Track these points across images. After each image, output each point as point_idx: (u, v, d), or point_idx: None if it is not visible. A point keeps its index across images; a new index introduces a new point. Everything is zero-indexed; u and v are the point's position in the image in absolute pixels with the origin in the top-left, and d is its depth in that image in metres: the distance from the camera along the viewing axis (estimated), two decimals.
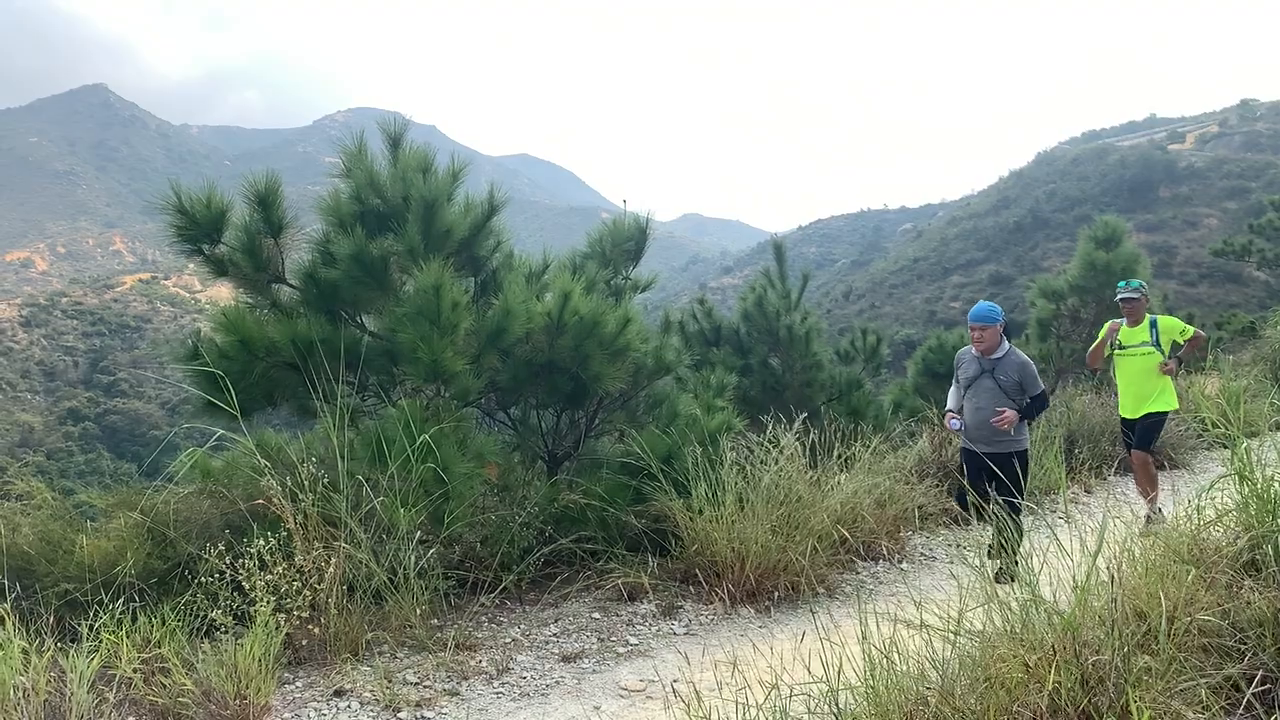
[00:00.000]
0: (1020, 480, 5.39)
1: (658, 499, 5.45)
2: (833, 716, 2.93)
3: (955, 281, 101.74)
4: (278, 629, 3.82)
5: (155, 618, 3.79)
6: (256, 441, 4.90)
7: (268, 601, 3.88)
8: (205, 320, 5.87)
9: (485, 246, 6.26)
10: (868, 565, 5.97)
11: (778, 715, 2.94)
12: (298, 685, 4.11)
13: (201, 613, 4.02)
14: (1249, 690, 2.68)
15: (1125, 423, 7.17)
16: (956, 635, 3.04)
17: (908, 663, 2.96)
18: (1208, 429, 4.40)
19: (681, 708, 3.09)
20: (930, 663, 2.97)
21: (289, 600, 4.11)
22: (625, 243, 7.35)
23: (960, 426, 5.92)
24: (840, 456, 6.00)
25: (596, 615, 5.05)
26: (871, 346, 11.64)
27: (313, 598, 4.23)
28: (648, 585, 5.10)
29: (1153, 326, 6.93)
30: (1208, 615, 2.93)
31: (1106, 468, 8.66)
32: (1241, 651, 2.92)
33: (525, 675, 4.28)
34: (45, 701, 3.27)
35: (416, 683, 4.12)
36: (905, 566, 6.08)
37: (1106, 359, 7.23)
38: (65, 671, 3.31)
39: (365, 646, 4.39)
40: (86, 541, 4.46)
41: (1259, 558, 3.30)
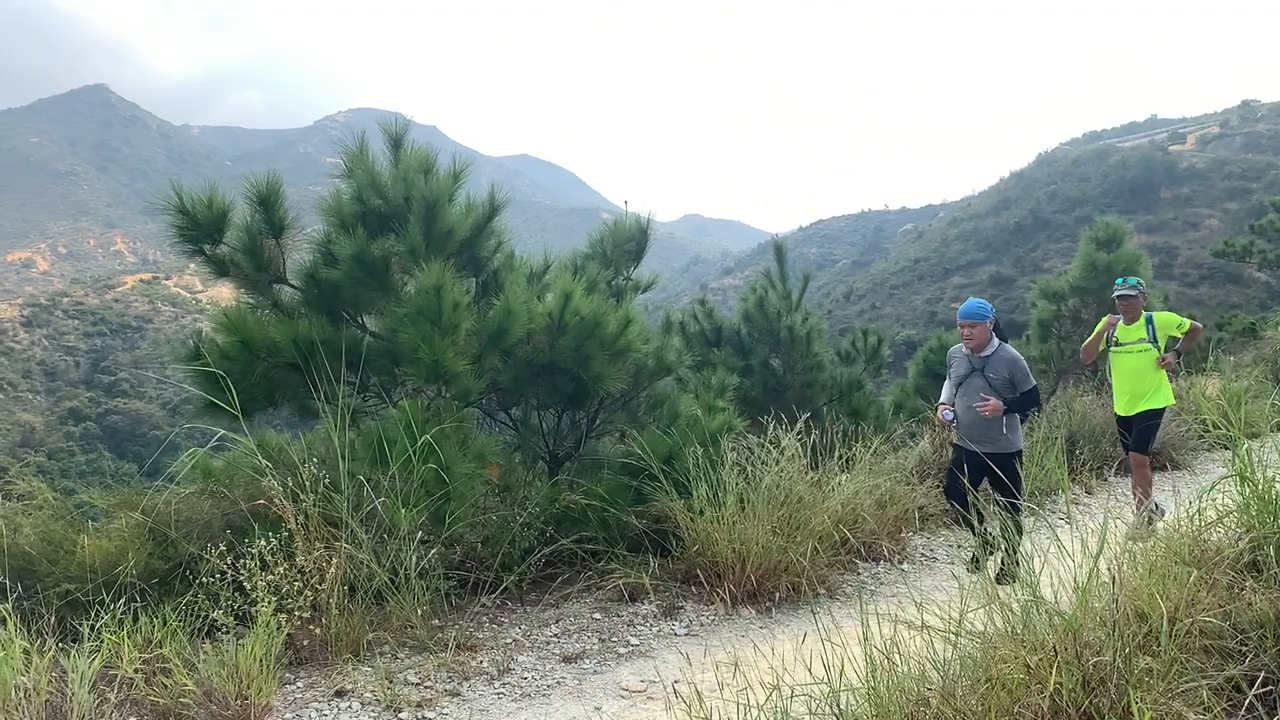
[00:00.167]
0: (1015, 481, 5.38)
1: (659, 499, 5.45)
2: (834, 717, 2.93)
3: (956, 282, 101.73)
4: (279, 629, 3.82)
5: (156, 618, 3.79)
6: (258, 442, 4.90)
7: (269, 602, 3.89)
8: (206, 320, 5.86)
9: (486, 247, 6.26)
10: (869, 566, 5.97)
11: (779, 716, 2.94)
12: (299, 685, 4.11)
13: (203, 613, 4.02)
14: (1250, 692, 2.68)
15: (1121, 420, 7.14)
16: (958, 636, 3.04)
17: (909, 664, 2.96)
18: (1209, 430, 4.39)
19: (683, 708, 3.09)
20: (931, 664, 2.97)
21: (290, 601, 4.12)
22: (626, 243, 7.35)
23: (953, 418, 5.93)
24: (841, 457, 6.00)
25: (597, 616, 5.05)
26: (872, 347, 11.62)
27: (314, 598, 4.23)
28: (649, 586, 5.10)
29: (1149, 323, 6.90)
30: (1209, 616, 2.93)
31: (1107, 468, 8.66)
32: (1243, 653, 2.92)
33: (526, 676, 4.28)
34: (46, 701, 3.27)
35: (418, 683, 4.12)
36: (906, 567, 6.08)
37: (1101, 354, 7.20)
38: (66, 671, 3.31)
39: (366, 647, 4.39)
40: (88, 542, 4.46)
41: (1260, 559, 3.29)
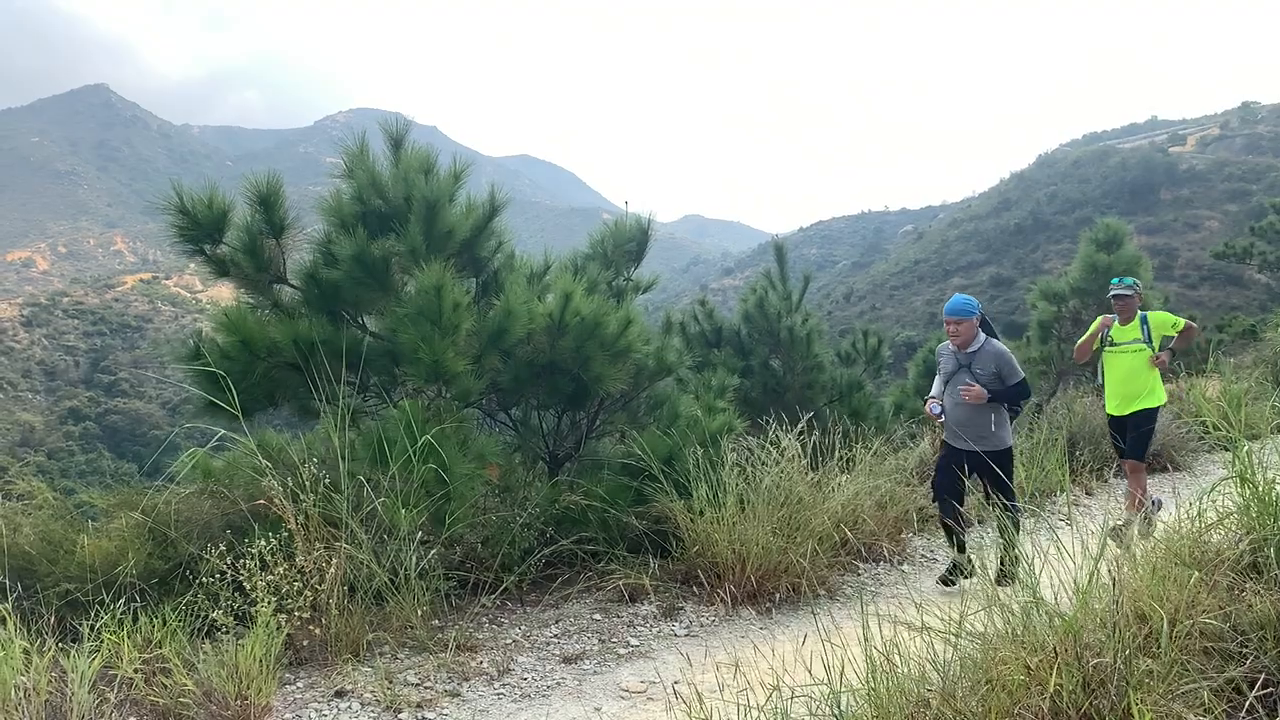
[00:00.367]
0: (1008, 480, 5.33)
1: (659, 500, 5.45)
2: (834, 718, 2.93)
3: (956, 283, 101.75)
4: (279, 629, 3.82)
5: (156, 618, 3.79)
6: (258, 442, 4.89)
7: (269, 602, 3.89)
8: (206, 320, 5.86)
9: (487, 247, 6.26)
10: (869, 567, 5.97)
11: (779, 717, 2.94)
12: (299, 686, 4.11)
13: (202, 613, 4.02)
14: (1251, 694, 2.68)
15: (1113, 421, 7.00)
16: (958, 637, 3.04)
17: (909, 665, 2.96)
18: (1209, 432, 4.39)
19: (683, 709, 3.09)
20: (932, 665, 2.97)
21: (290, 601, 4.11)
22: (627, 244, 7.35)
23: (940, 412, 5.85)
24: (841, 458, 5.99)
25: (597, 616, 5.05)
26: (872, 348, 11.61)
27: (314, 598, 4.23)
28: (649, 586, 5.10)
29: (1144, 323, 6.82)
30: (1209, 618, 2.93)
31: (1107, 469, 8.67)
32: (1243, 654, 2.91)
33: (526, 676, 4.28)
34: (46, 701, 3.27)
35: (417, 683, 4.12)
36: (906, 568, 6.08)
37: (1095, 353, 7.11)
38: (66, 671, 3.31)
39: (366, 647, 4.39)
40: (87, 541, 4.46)
41: (1260, 560, 3.29)
